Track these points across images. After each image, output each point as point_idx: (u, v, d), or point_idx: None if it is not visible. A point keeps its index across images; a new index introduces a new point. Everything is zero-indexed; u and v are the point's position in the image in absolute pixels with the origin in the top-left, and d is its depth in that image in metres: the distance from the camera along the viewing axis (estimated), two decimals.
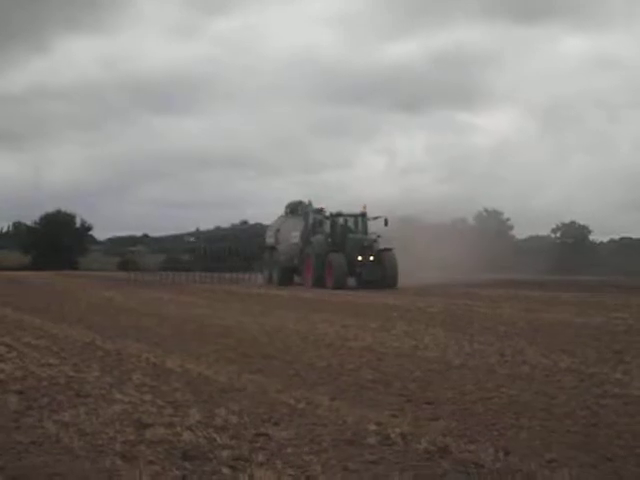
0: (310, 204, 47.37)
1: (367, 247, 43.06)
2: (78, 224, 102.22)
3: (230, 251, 56.89)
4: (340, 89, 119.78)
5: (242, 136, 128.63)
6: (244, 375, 12.45)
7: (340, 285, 41.19)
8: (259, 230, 56.91)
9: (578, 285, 43.41)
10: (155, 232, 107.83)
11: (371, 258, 42.75)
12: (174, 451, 7.99)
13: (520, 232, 72.72)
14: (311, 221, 46.00)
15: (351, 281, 43.38)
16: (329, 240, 44.25)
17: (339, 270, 42.17)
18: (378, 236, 43.71)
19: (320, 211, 46.22)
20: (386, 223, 43.67)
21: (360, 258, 42.63)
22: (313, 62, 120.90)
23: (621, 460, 7.78)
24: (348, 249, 42.91)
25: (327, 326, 19.96)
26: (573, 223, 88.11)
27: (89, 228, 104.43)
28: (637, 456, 7.89)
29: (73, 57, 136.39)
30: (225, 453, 7.88)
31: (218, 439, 8.40)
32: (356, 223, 45.38)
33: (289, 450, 8.03)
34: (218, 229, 63.51)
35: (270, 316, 23.33)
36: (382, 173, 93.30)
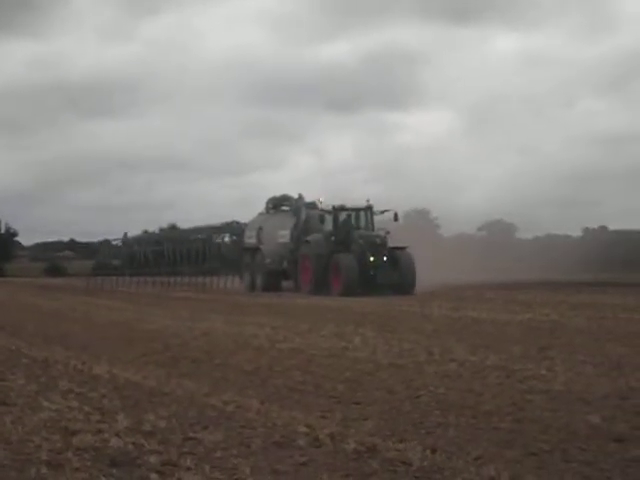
0: (301, 198, 41.45)
1: (380, 245, 36.82)
2: (3, 230, 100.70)
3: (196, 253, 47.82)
4: (272, 90, 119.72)
5: (173, 138, 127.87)
6: (173, 379, 12.39)
7: (350, 291, 34.79)
8: (190, 233, 54.00)
9: (504, 283, 43.83)
10: (82, 237, 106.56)
11: (384, 258, 36.54)
12: (102, 458, 7.92)
13: (446, 231, 73.42)
14: (304, 217, 40.18)
15: None
16: (332, 238, 37.63)
17: (349, 274, 35.71)
18: (387, 232, 37.62)
19: (313, 206, 40.44)
20: (396, 218, 38.68)
21: (372, 259, 36.23)
22: (245, 63, 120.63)
23: (546, 455, 7.92)
24: (355, 248, 36.71)
25: (256, 328, 19.94)
26: (499, 221, 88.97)
27: (14, 234, 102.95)
28: (561, 451, 8.03)
29: (4, 59, 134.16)
30: (153, 458, 7.83)
31: (146, 444, 8.35)
32: (359, 218, 39.02)
33: (218, 454, 8.01)
34: (146, 233, 62.66)
35: (199, 320, 23.22)
36: (313, 173, 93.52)
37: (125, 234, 58.29)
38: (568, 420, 9.28)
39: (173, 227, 66.72)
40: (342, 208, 38.55)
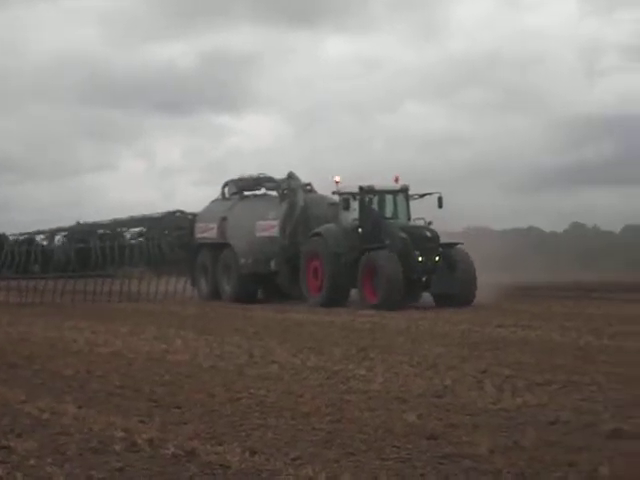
0: (294, 177, 31.48)
1: (431, 240, 27.17)
2: None
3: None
4: (103, 90, 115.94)
5: None
6: None
7: (392, 302, 25.46)
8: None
9: None
10: None
11: (436, 258, 27.04)
12: None
13: None
14: (301, 202, 30.68)
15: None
16: (359, 230, 27.64)
17: (392, 279, 25.90)
18: (429, 222, 28.19)
19: (310, 188, 31.77)
20: (440, 203, 27.95)
21: (421, 259, 26.73)
22: (76, 62, 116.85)
23: (363, 454, 8.07)
24: (395, 244, 26.78)
25: (76, 333, 19.53)
26: None
27: None
28: (378, 449, 8.20)
29: None
30: None
31: None
32: (388, 203, 29.13)
33: (31, 462, 7.81)
34: None
35: (18, 324, 22.52)
36: (143, 175, 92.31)
37: None
38: (385, 419, 9.49)
39: None
40: (371, 189, 28.54)
